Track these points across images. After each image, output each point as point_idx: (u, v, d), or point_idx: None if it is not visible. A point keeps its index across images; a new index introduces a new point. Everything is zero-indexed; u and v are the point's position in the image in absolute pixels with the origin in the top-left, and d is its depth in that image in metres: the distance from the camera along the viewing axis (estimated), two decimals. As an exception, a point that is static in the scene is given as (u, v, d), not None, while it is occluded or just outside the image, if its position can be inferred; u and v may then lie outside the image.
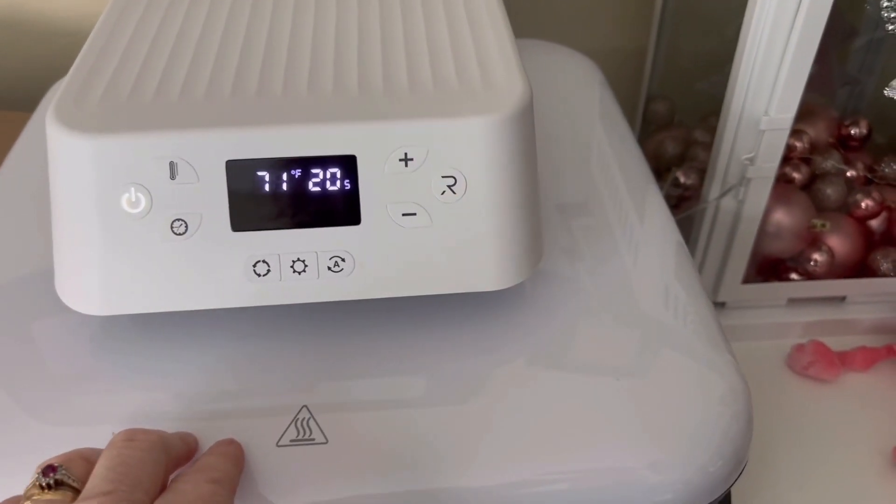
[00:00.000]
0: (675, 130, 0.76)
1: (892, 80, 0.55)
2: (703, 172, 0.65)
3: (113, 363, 0.38)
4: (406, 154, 0.34)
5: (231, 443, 0.34)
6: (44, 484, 0.28)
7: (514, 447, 0.35)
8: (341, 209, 0.35)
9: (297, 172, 0.34)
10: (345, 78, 0.37)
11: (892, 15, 0.48)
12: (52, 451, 0.30)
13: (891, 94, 0.51)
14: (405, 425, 0.35)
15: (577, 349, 0.40)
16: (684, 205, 0.71)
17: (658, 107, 0.77)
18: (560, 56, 0.64)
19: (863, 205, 0.66)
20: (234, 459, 0.33)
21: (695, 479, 0.36)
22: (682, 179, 0.69)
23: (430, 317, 0.40)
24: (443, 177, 0.35)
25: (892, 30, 0.49)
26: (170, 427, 0.34)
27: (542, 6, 0.77)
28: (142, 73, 0.37)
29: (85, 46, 0.39)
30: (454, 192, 0.35)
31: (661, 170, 0.75)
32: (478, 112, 0.35)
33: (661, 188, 0.69)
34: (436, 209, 0.35)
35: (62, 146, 0.34)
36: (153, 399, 0.36)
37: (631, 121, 0.79)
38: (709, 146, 0.64)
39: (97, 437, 0.32)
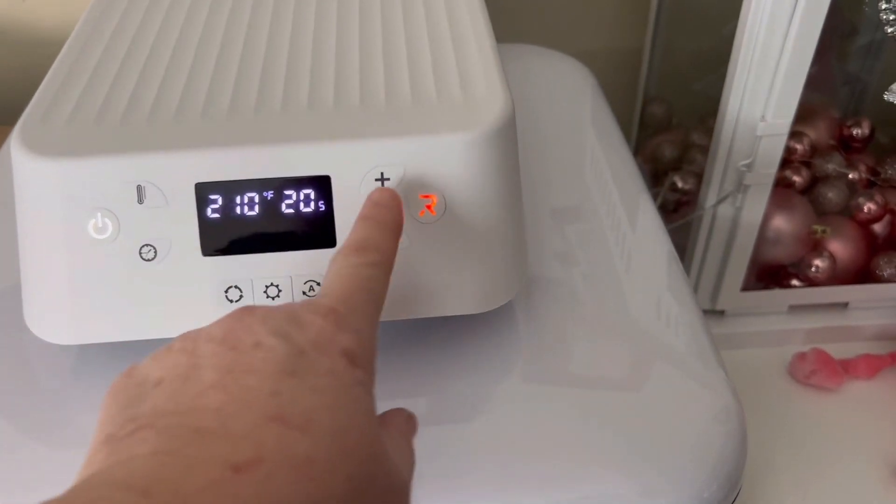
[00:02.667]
0: (673, 133, 0.75)
1: (893, 80, 0.53)
2: (700, 176, 0.64)
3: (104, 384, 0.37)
4: (382, 174, 0.33)
5: (393, 199, 0.30)
6: None
7: (499, 475, 0.34)
8: (315, 232, 0.34)
9: (269, 194, 0.33)
10: (320, 94, 0.35)
11: (892, 17, 0.47)
12: (53, 473, 0.29)
13: (891, 99, 0.50)
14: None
15: (567, 367, 0.38)
16: (683, 209, 0.69)
17: (655, 109, 0.76)
18: (551, 61, 0.62)
19: (865, 208, 0.64)
20: (395, 227, 0.30)
21: (687, 506, 0.34)
22: (679, 184, 0.68)
23: (416, 329, 0.39)
24: (421, 196, 0.34)
25: (891, 32, 0.47)
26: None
27: (533, 8, 0.75)
28: (110, 93, 0.36)
29: (53, 66, 0.38)
30: (433, 213, 0.34)
31: (658, 173, 0.73)
32: (456, 128, 0.33)
33: (659, 193, 0.68)
34: (414, 230, 0.34)
35: (26, 169, 0.33)
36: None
37: (627, 124, 0.78)
38: (706, 149, 0.62)
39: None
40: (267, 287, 0.34)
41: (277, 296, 0.34)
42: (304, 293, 0.34)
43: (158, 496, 0.19)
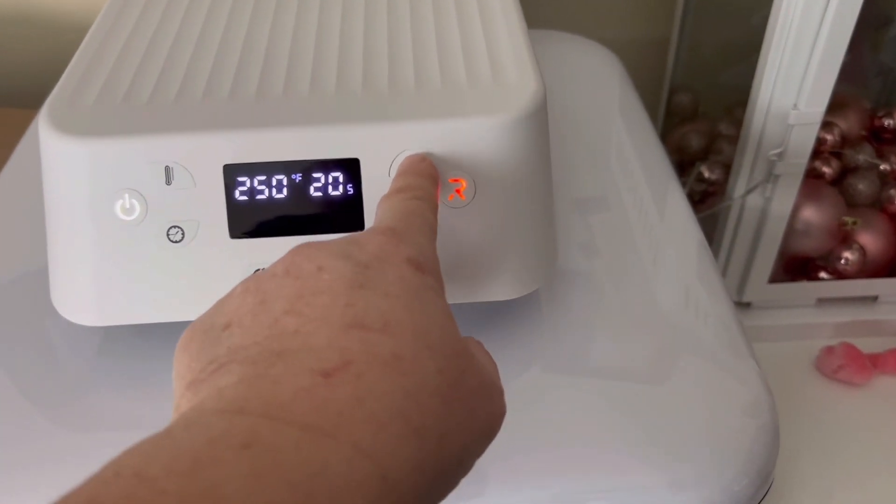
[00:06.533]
0: (700, 123, 0.73)
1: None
2: (728, 167, 0.63)
3: (133, 367, 0.37)
4: (411, 157, 0.33)
5: (423, 159, 0.32)
6: None
7: (527, 465, 0.34)
8: (344, 215, 0.33)
9: (298, 177, 0.33)
10: (348, 77, 0.35)
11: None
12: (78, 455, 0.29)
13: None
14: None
15: (594, 356, 0.38)
16: (709, 200, 0.68)
17: (682, 98, 0.75)
18: (579, 47, 0.62)
19: (896, 200, 0.63)
20: (431, 178, 0.31)
21: (719, 499, 0.34)
22: (706, 174, 0.67)
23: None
24: (450, 181, 0.33)
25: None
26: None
27: (561, -5, 0.75)
28: (138, 73, 0.35)
29: (81, 46, 0.37)
30: (462, 197, 0.33)
31: (685, 164, 0.72)
32: (487, 112, 0.33)
33: (686, 183, 0.67)
34: (443, 215, 0.33)
35: (54, 150, 0.33)
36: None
37: (653, 113, 0.77)
38: (734, 139, 0.61)
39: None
40: (294, 271, 0.34)
41: (305, 279, 0.34)
42: (331, 277, 0.34)
43: (252, 411, 0.18)
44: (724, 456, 0.35)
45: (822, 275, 0.64)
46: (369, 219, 0.33)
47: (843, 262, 0.62)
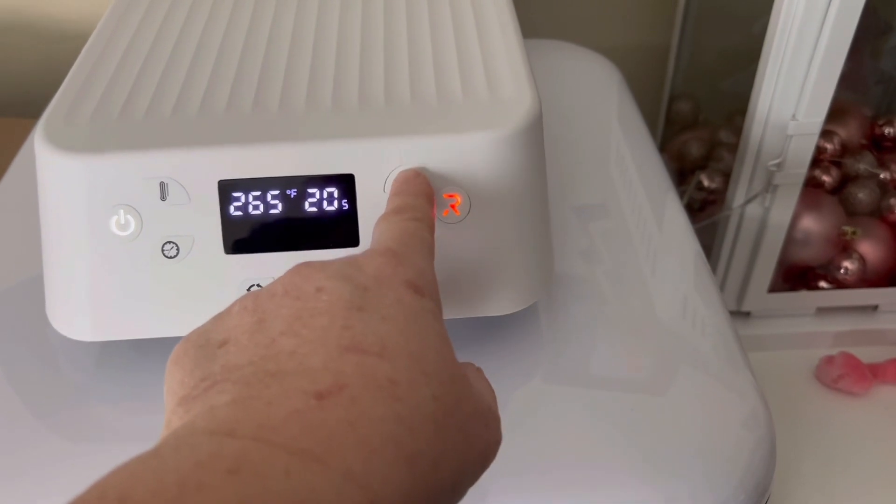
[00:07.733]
0: (700, 131, 0.73)
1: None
2: (727, 175, 0.63)
3: (134, 378, 0.37)
4: (406, 173, 0.33)
5: (418, 175, 0.32)
6: None
7: (519, 481, 0.33)
8: (339, 231, 0.33)
9: (293, 192, 0.33)
10: (344, 92, 0.35)
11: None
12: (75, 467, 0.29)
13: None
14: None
15: (589, 368, 0.38)
16: (709, 208, 0.68)
17: (682, 106, 0.75)
18: (578, 57, 0.62)
19: (897, 209, 0.63)
20: (427, 196, 0.31)
21: (714, 515, 0.34)
22: (706, 183, 0.67)
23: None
24: (445, 196, 0.33)
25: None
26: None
27: (560, 4, 0.75)
28: (134, 89, 0.35)
29: (77, 61, 0.38)
30: (457, 213, 0.33)
31: (685, 171, 0.72)
32: (482, 127, 0.33)
33: (685, 192, 0.67)
34: (438, 231, 0.33)
35: (50, 165, 0.33)
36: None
37: (653, 121, 0.77)
38: (734, 147, 0.61)
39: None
40: (289, 286, 0.34)
41: (300, 295, 0.34)
42: (326, 293, 0.34)
43: (243, 433, 0.18)
44: (719, 471, 0.35)
45: (822, 284, 0.64)
46: (364, 234, 0.33)
47: (842, 271, 0.62)
